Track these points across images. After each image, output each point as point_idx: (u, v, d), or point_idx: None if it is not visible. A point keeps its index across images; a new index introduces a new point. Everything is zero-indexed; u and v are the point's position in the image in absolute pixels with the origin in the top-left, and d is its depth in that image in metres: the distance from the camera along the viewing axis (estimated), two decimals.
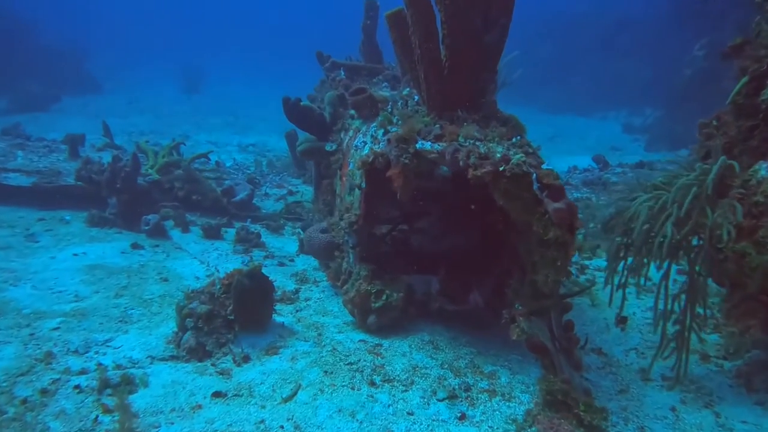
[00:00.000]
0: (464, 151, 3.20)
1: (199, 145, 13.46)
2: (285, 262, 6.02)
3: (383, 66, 7.42)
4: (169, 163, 7.64)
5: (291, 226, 7.40)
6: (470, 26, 3.93)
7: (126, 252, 6.02)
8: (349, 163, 4.70)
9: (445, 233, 5.02)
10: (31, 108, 17.31)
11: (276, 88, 29.02)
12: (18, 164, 7.80)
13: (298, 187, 8.56)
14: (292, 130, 9.03)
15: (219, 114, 19.43)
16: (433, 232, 5.06)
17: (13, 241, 6.17)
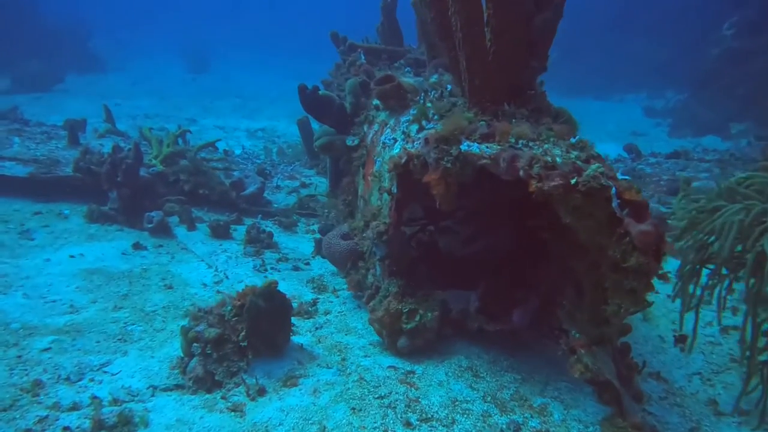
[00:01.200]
0: (525, 159, 2.64)
1: (206, 130, 12.90)
2: (300, 266, 5.49)
3: (404, 48, 6.81)
4: (175, 153, 7.09)
5: (304, 222, 6.86)
6: (520, 5, 3.36)
7: (127, 253, 5.50)
8: (375, 162, 4.14)
9: (475, 235, 4.48)
10: (34, 88, 16.75)
11: (284, 67, 28.36)
12: (14, 152, 7.26)
13: (311, 178, 8.01)
14: (304, 117, 8.45)
15: (226, 96, 18.81)
16: (462, 233, 4.53)
17: (6, 238, 5.65)
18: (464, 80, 3.48)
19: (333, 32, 7.58)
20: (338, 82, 6.63)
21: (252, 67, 29.01)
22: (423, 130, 3.59)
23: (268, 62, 30.85)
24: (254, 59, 31.70)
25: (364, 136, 4.68)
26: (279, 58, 32.92)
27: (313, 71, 26.83)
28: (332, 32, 7.60)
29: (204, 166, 6.91)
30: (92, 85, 19.19)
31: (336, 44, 7.62)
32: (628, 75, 19.71)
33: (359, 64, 5.69)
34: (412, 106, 4.20)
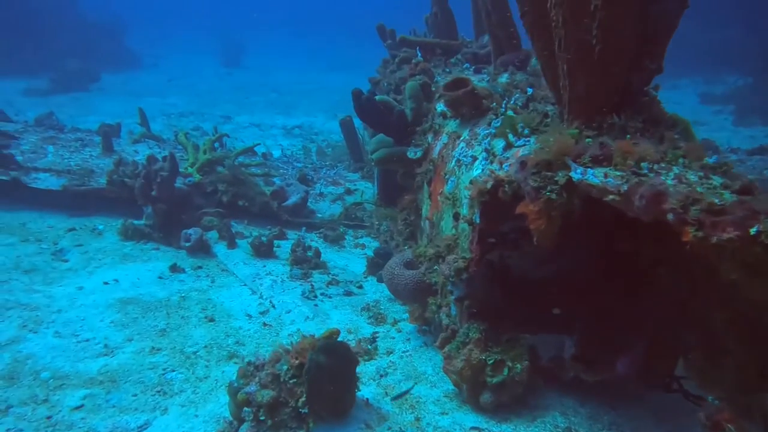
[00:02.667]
0: (676, 197, 1.99)
1: (242, 129, 12.43)
2: (352, 290, 4.92)
3: (460, 42, 6.14)
4: (212, 160, 6.58)
5: (352, 234, 6.29)
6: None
7: (164, 277, 5.01)
8: (447, 181, 3.52)
9: (553, 254, 3.84)
10: (71, 88, 16.54)
11: (318, 58, 27.80)
12: (48, 162, 6.86)
13: (356, 183, 7.43)
14: (347, 117, 7.87)
15: (260, 91, 18.34)
16: (536, 252, 3.89)
17: (39, 261, 5.22)
18: (563, 87, 2.83)
19: (380, 25, 6.95)
20: (388, 81, 6.02)
21: (285, 58, 28.52)
22: (511, 147, 2.96)
23: (301, 53, 30.33)
24: (287, 50, 31.22)
25: (428, 148, 4.06)
26: (313, 48, 32.40)
27: (348, 61, 26.22)
28: (379, 25, 6.97)
29: (243, 174, 6.39)
30: (127, 83, 18.93)
31: (382, 38, 6.99)
32: (680, 58, 18.54)
33: (416, 62, 5.05)
34: (488, 114, 3.57)
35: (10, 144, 7.11)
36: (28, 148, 7.16)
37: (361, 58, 28.64)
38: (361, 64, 26.23)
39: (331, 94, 17.79)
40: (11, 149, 7.02)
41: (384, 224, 5.96)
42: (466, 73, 5.53)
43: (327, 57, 28.53)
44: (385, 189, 6.39)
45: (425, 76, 4.78)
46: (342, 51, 30.52)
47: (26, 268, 5.06)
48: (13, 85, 16.61)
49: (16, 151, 6.95)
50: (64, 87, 16.41)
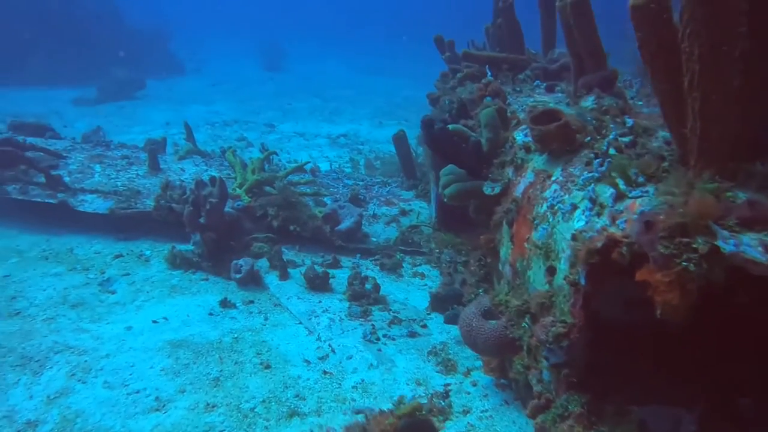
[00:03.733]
0: None
1: (286, 139, 12.15)
2: (416, 330, 4.52)
3: (528, 56, 5.67)
4: (261, 181, 6.25)
5: (409, 261, 5.88)
6: None
7: (215, 314, 4.69)
8: (537, 228, 3.08)
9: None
10: (119, 96, 16.54)
11: (358, 63, 27.47)
12: (95, 183, 6.65)
13: (410, 203, 7.01)
14: (400, 131, 7.46)
15: (303, 96, 18.07)
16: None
17: (86, 293, 4.97)
18: (691, 129, 2.36)
19: (438, 36, 6.53)
20: (449, 99, 5.57)
21: (326, 61, 28.29)
22: (623, 198, 2.50)
23: (342, 56, 30.07)
24: (328, 53, 31.00)
25: (509, 184, 3.61)
26: (353, 51, 32.13)
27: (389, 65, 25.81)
28: (437, 36, 6.55)
29: (294, 196, 6.04)
30: (172, 89, 18.91)
31: (440, 50, 6.57)
32: None
33: (486, 81, 4.60)
34: (582, 150, 3.11)
35: (58, 164, 6.93)
36: (76, 167, 6.97)
37: (401, 62, 28.31)
38: (402, 69, 25.93)
39: (375, 99, 17.44)
40: (59, 169, 6.84)
41: (445, 253, 5.53)
42: (537, 91, 5.07)
43: (368, 60, 28.22)
44: (443, 211, 5.96)
45: (497, 98, 4.33)
46: (383, 55, 30.21)
47: (73, 302, 4.81)
48: (63, 95, 16.74)
49: (63, 172, 6.77)
50: (111, 96, 16.43)
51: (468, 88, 5.34)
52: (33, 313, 4.62)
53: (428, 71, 24.57)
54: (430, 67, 25.87)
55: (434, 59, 20.40)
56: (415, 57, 29.46)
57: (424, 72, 24.14)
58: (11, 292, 4.91)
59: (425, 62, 27.57)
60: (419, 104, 16.59)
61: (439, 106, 5.68)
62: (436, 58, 7.98)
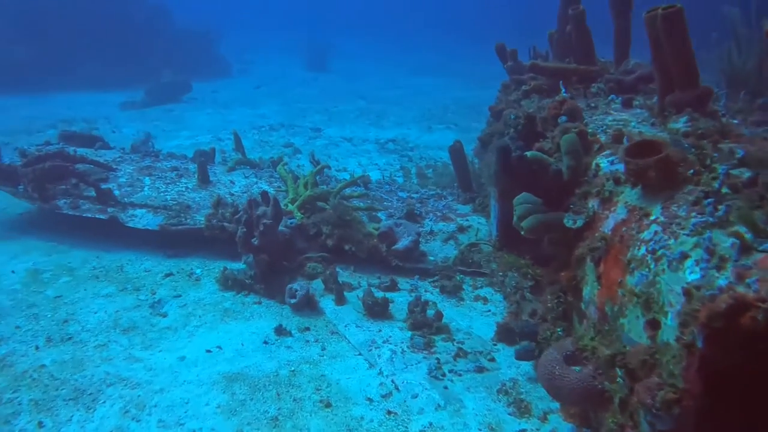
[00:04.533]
0: None
1: (333, 144, 11.99)
2: (483, 363, 4.26)
3: (600, 67, 5.32)
4: (314, 197, 6.08)
5: (470, 282, 5.62)
6: None
7: (270, 342, 4.52)
8: (633, 272, 2.78)
9: None
10: (166, 99, 16.72)
11: (402, 62, 27.23)
12: (144, 196, 6.60)
13: (467, 219, 6.73)
14: (457, 142, 7.19)
15: (349, 97, 17.93)
16: None
17: (138, 317, 4.89)
18: None
19: (500, 44, 6.22)
20: (514, 112, 5.27)
21: (370, 61, 28.16)
22: (750, 251, 2.19)
23: (385, 56, 29.89)
24: (371, 53, 30.87)
25: (593, 217, 3.32)
26: (397, 51, 31.96)
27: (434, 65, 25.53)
28: (498, 44, 6.24)
29: (348, 213, 5.83)
30: (218, 91, 19.03)
31: (502, 59, 6.26)
32: None
33: (560, 99, 4.29)
34: (684, 185, 2.80)
35: (108, 177, 6.91)
36: (125, 180, 6.94)
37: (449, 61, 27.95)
38: (450, 68, 25.57)
39: (422, 101, 17.17)
40: (109, 182, 6.82)
41: (509, 276, 5.25)
42: (613, 106, 4.74)
43: (414, 59, 27.96)
44: (506, 229, 5.65)
45: (574, 117, 4.02)
46: (429, 53, 29.92)
47: (125, 327, 4.72)
48: (112, 98, 17.03)
49: (113, 185, 6.75)
50: (158, 99, 16.62)
51: (535, 103, 5.03)
52: (85, 338, 4.55)
53: (476, 70, 24.29)
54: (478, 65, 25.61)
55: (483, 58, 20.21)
56: (462, 56, 29.12)
57: (472, 71, 23.84)
58: (63, 315, 4.86)
59: (473, 61, 27.20)
60: (468, 106, 16.32)
61: (503, 121, 5.38)
62: (485, 58, 7.68)
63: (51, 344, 4.44)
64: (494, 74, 22.40)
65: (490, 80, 21.13)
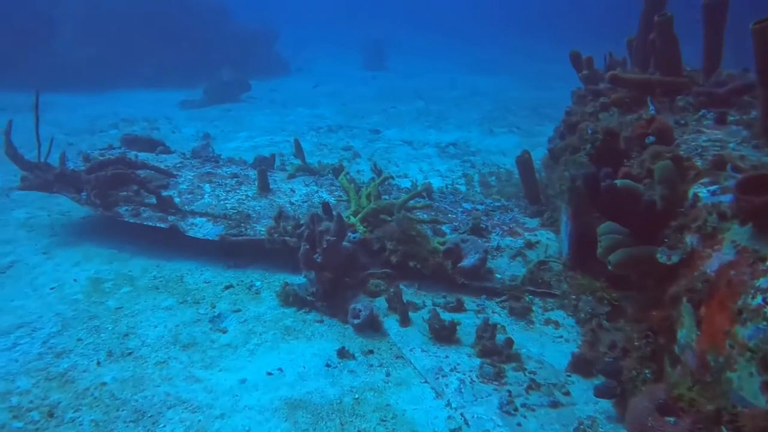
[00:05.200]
0: None
1: (393, 147, 11.85)
2: (558, 397, 4.02)
3: (687, 78, 4.97)
4: (378, 210, 5.94)
5: (540, 304, 5.37)
6: None
7: (332, 365, 4.40)
8: (743, 322, 2.51)
9: None
10: (224, 99, 16.97)
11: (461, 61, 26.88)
12: (204, 204, 6.62)
13: (536, 233, 6.45)
14: (525, 153, 6.92)
15: (406, 98, 17.77)
16: None
17: (197, 332, 4.86)
18: None
19: (575, 52, 5.93)
20: (592, 126, 4.99)
21: (428, 56, 27.91)
22: None
23: (443, 53, 29.59)
24: (429, 51, 30.61)
25: (691, 254, 3.04)
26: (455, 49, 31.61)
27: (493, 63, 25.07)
28: (573, 52, 5.95)
29: (413, 228, 5.67)
30: (276, 90, 19.20)
31: (577, 67, 5.96)
32: None
33: (648, 117, 3.99)
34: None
35: (168, 183, 6.97)
36: (185, 187, 6.98)
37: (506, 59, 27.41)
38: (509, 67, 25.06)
39: (482, 102, 16.87)
40: (170, 188, 6.87)
41: (583, 300, 4.98)
42: (705, 122, 4.41)
43: (472, 57, 27.58)
44: (579, 247, 5.40)
45: (664, 138, 3.73)
46: (487, 50, 29.44)
47: (185, 343, 4.70)
48: (171, 97, 17.43)
49: (174, 192, 6.79)
50: (217, 98, 16.87)
51: (615, 117, 4.74)
52: (145, 353, 4.54)
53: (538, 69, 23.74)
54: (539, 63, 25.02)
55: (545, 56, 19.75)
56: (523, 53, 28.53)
57: (534, 70, 23.32)
58: (124, 328, 4.88)
59: (535, 59, 26.63)
60: (530, 108, 15.94)
61: (579, 135, 5.10)
62: (547, 56, 7.31)
63: (112, 359, 4.45)
64: (556, 74, 21.92)
65: (551, 80, 20.77)
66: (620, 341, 4.11)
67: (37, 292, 5.57)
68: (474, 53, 28.83)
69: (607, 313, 4.70)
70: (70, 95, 17.11)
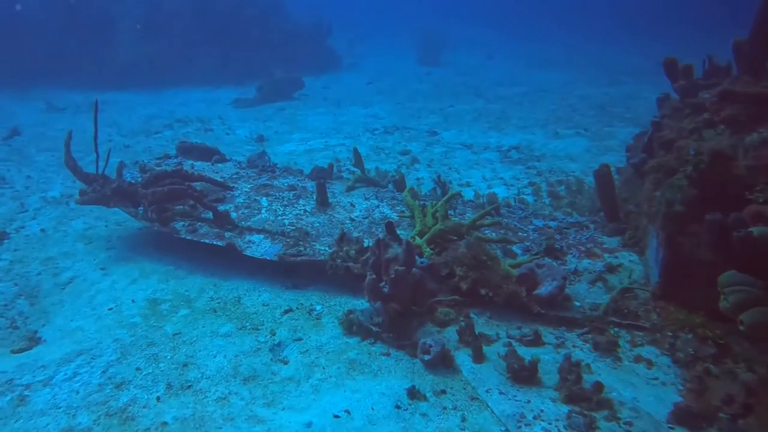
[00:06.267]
0: None
1: (452, 151, 11.49)
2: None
3: None
4: (446, 231, 5.65)
5: (627, 337, 4.97)
6: None
7: (402, 407, 4.14)
8: None
9: None
10: (277, 96, 16.95)
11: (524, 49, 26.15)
12: (262, 220, 6.46)
13: (617, 255, 6.02)
14: (604, 167, 6.47)
15: (464, 96, 17.34)
16: None
17: (258, 363, 4.69)
18: None
19: (670, 60, 5.46)
20: (693, 146, 4.55)
21: (485, 50, 27.30)
22: None
23: (506, 45, 28.94)
24: (487, 40, 29.97)
25: None
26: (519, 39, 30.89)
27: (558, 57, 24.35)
28: (668, 60, 5.48)
29: (484, 252, 5.35)
30: (329, 87, 19.10)
31: (671, 77, 5.50)
32: None
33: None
34: None
35: (225, 196, 6.84)
36: (242, 200, 6.85)
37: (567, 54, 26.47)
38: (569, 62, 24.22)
39: (545, 100, 16.30)
40: (227, 203, 6.74)
41: (682, 338, 4.58)
42: None
43: (535, 50, 26.85)
44: (672, 276, 4.99)
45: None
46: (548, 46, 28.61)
47: (245, 375, 4.52)
48: (224, 95, 17.58)
49: (231, 206, 6.66)
50: (270, 96, 16.85)
51: (726, 138, 4.29)
52: (205, 387, 4.39)
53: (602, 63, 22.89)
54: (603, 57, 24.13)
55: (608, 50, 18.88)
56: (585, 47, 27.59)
57: (598, 64, 22.48)
58: (183, 358, 4.74)
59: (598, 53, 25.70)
60: (597, 106, 15.31)
61: (677, 154, 4.68)
62: (610, 49, 6.73)
63: (171, 393, 4.31)
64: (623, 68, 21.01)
65: (619, 74, 19.95)
66: (739, 393, 3.71)
67: (95, 312, 5.53)
68: (536, 47, 28.00)
69: (713, 354, 4.29)
70: (128, 93, 17.40)
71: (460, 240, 5.70)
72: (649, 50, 23.54)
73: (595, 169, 6.62)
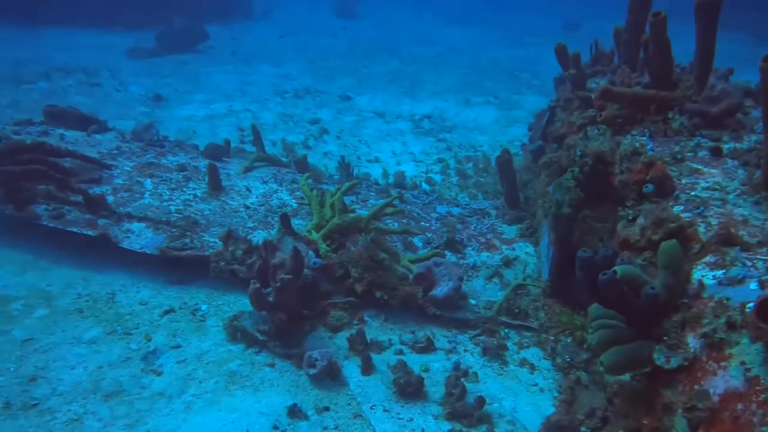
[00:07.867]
0: None
1: (364, 120, 11.20)
2: None
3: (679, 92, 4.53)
4: (343, 227, 5.44)
5: (515, 338, 5.00)
6: None
7: (280, 428, 3.97)
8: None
9: None
10: (178, 48, 15.77)
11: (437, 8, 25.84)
12: (144, 206, 5.99)
13: (514, 246, 6.03)
14: (505, 153, 6.42)
15: (380, 55, 16.97)
16: None
17: (125, 376, 4.36)
18: None
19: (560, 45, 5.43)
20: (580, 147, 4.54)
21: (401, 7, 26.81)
22: None
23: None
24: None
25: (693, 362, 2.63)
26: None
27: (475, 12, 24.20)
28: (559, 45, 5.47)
29: (383, 246, 5.20)
30: (237, 40, 18.15)
31: (563, 64, 5.45)
32: None
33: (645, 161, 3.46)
34: None
35: (101, 177, 6.29)
36: (122, 182, 6.33)
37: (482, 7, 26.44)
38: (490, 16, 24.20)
39: (458, 62, 16.28)
40: (102, 184, 6.20)
41: (562, 342, 4.64)
42: (701, 154, 4.04)
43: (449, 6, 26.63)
44: (561, 274, 5.04)
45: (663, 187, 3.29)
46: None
47: (108, 390, 4.19)
48: (118, 41, 16.13)
49: (107, 188, 6.15)
50: (171, 47, 15.71)
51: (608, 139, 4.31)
52: (54, 405, 4.00)
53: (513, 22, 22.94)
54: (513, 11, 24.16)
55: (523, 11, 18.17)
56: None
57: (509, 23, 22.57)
58: (31, 369, 4.30)
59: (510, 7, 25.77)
60: (506, 71, 15.38)
61: (566, 153, 4.66)
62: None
63: (8, 414, 3.90)
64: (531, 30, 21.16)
65: (527, 36, 20.12)
66: (600, 407, 3.76)
67: None
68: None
69: (586, 360, 4.38)
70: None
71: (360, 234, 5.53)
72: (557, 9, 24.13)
73: (502, 145, 6.58)
